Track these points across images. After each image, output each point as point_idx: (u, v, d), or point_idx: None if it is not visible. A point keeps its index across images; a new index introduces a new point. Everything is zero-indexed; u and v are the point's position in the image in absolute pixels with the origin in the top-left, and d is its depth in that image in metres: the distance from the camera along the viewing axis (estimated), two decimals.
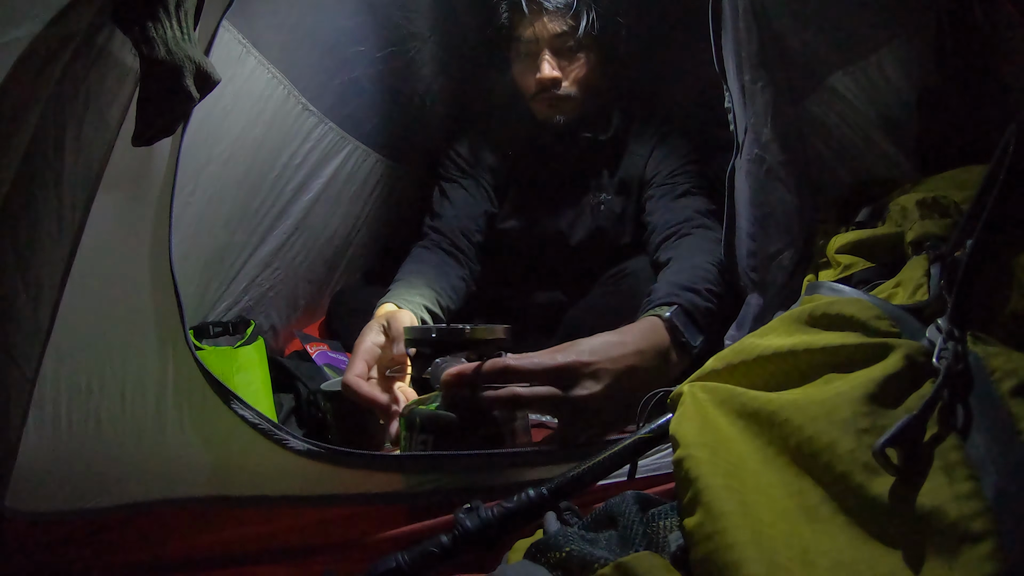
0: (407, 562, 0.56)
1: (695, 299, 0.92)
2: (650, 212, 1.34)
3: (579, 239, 1.45)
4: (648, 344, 0.82)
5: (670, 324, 0.86)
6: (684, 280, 0.96)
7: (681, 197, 1.31)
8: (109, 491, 0.77)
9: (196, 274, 1.11)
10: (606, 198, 1.43)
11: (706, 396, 0.52)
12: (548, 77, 1.31)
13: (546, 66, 1.30)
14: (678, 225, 1.22)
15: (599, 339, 0.81)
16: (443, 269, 1.28)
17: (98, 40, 0.70)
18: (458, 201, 1.43)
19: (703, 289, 0.95)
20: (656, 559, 0.43)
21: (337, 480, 0.77)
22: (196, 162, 0.99)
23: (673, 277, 0.99)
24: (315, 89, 1.26)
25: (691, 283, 0.95)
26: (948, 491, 0.35)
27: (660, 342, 0.84)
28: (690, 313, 0.90)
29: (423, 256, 1.32)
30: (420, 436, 0.82)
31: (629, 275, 1.29)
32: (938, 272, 0.54)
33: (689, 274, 0.99)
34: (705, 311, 0.92)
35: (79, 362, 0.76)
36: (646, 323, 0.86)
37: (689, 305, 0.90)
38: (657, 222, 1.29)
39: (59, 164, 0.71)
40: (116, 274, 0.77)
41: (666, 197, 1.32)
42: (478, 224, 1.42)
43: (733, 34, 0.88)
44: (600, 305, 1.29)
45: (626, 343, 0.80)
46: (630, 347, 0.80)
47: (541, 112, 1.38)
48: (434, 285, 1.19)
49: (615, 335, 0.82)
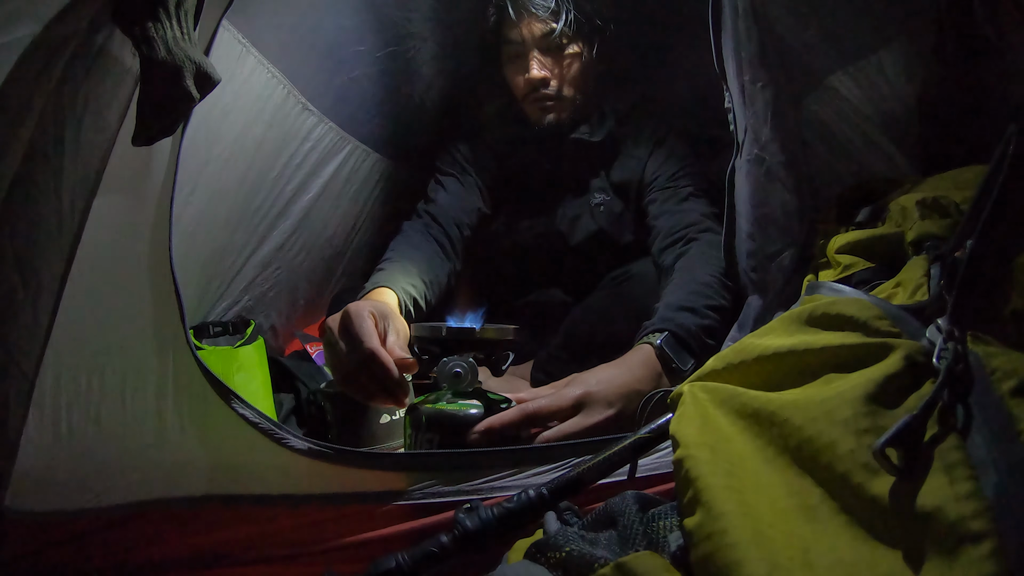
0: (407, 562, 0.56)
1: (689, 321, 0.98)
2: (654, 216, 1.34)
3: (579, 239, 1.46)
4: (643, 371, 0.91)
5: (660, 352, 0.93)
6: (682, 300, 1.02)
7: (685, 201, 1.31)
8: (109, 491, 0.77)
9: (196, 274, 1.11)
10: (605, 199, 1.44)
11: (706, 396, 0.52)
12: (536, 77, 1.32)
13: (534, 67, 1.32)
14: (684, 229, 1.23)
15: (602, 371, 0.90)
16: (433, 261, 1.27)
17: (98, 40, 0.70)
18: (453, 192, 1.44)
19: (701, 307, 1.01)
20: (656, 559, 0.43)
21: (338, 479, 0.77)
22: (196, 162, 0.99)
23: (672, 297, 1.05)
24: (315, 89, 1.26)
25: (688, 302, 1.01)
26: (948, 491, 0.35)
27: (653, 367, 0.92)
28: (680, 338, 0.96)
29: (415, 240, 1.30)
30: (426, 435, 0.82)
31: (631, 277, 1.29)
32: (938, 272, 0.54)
33: (688, 291, 1.04)
34: (700, 330, 0.98)
35: (79, 362, 0.76)
36: (640, 352, 0.94)
37: (680, 330, 0.96)
38: (662, 226, 1.29)
39: (59, 164, 0.71)
40: (116, 274, 0.77)
41: (670, 200, 1.33)
42: (470, 218, 1.41)
43: (733, 34, 0.88)
44: (602, 307, 1.30)
45: (623, 373, 0.90)
46: (627, 376, 0.89)
47: (532, 113, 1.39)
48: (424, 277, 1.19)
49: (613, 367, 0.91)
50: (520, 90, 1.37)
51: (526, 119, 1.41)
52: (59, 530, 0.76)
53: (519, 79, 1.36)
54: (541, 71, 1.32)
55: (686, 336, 0.96)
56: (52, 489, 0.76)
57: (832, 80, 0.88)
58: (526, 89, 1.35)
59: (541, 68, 1.32)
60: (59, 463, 0.76)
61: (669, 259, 1.20)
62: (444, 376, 0.85)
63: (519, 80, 1.36)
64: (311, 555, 0.76)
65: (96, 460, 0.77)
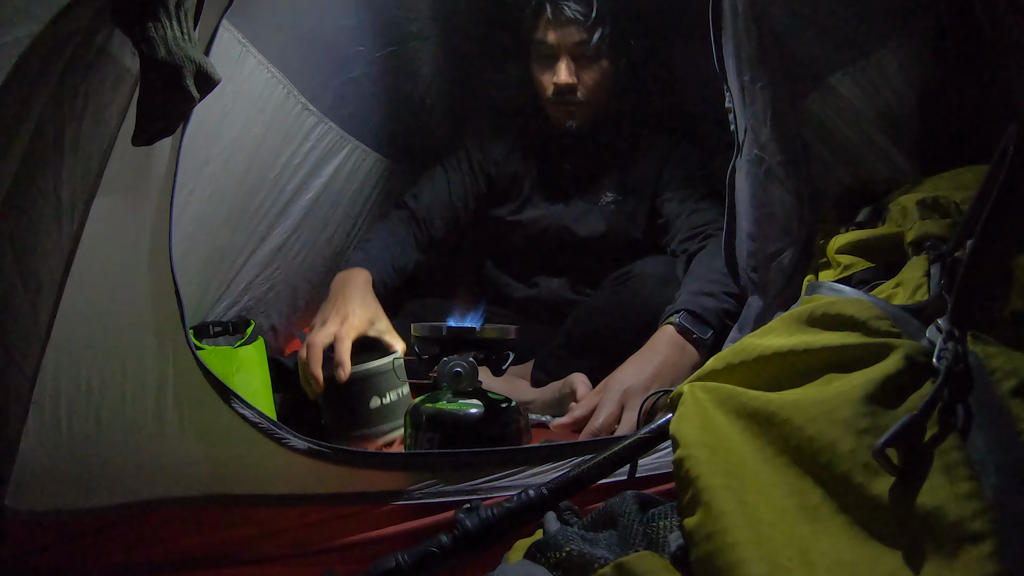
0: (407, 562, 0.56)
1: (706, 302, 1.07)
2: (672, 215, 1.37)
3: (587, 236, 1.47)
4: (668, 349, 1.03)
5: (680, 328, 1.04)
6: (700, 287, 1.11)
7: (702, 200, 1.35)
8: (109, 491, 0.77)
9: (196, 274, 1.11)
10: (617, 199, 1.46)
11: (706, 396, 0.52)
12: (564, 83, 1.34)
13: (564, 72, 1.34)
14: (703, 227, 1.28)
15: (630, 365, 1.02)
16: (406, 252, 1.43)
17: (97, 40, 0.70)
18: (439, 189, 1.50)
19: (719, 292, 1.09)
20: (656, 559, 0.43)
21: (338, 479, 0.77)
22: (196, 162, 0.99)
23: (692, 285, 1.14)
24: (315, 89, 1.26)
25: (706, 289, 1.10)
26: (948, 491, 0.35)
27: (677, 342, 1.04)
28: (698, 315, 1.05)
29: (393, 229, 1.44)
30: (426, 434, 0.82)
31: (635, 277, 1.30)
32: (938, 272, 0.54)
33: (706, 280, 1.12)
34: (718, 311, 1.07)
35: (79, 362, 0.76)
36: (662, 334, 1.05)
37: (698, 308, 1.06)
38: (681, 225, 1.34)
39: (59, 164, 0.71)
40: (116, 274, 0.77)
41: (688, 200, 1.36)
42: (444, 219, 1.50)
43: (733, 34, 0.88)
44: (604, 307, 1.31)
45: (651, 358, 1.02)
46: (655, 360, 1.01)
47: (555, 114, 1.42)
48: (395, 263, 1.38)
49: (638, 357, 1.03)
50: (545, 91, 1.39)
51: (547, 118, 1.44)
52: (59, 530, 0.76)
53: (547, 80, 1.38)
54: (571, 77, 1.34)
55: (703, 312, 1.05)
56: (52, 489, 0.76)
57: (832, 80, 0.88)
58: (552, 91, 1.37)
59: (571, 74, 1.34)
60: (59, 463, 0.76)
61: (687, 255, 1.26)
62: (444, 376, 0.85)
63: (546, 80, 1.38)
64: (311, 555, 0.76)
65: (96, 460, 0.77)
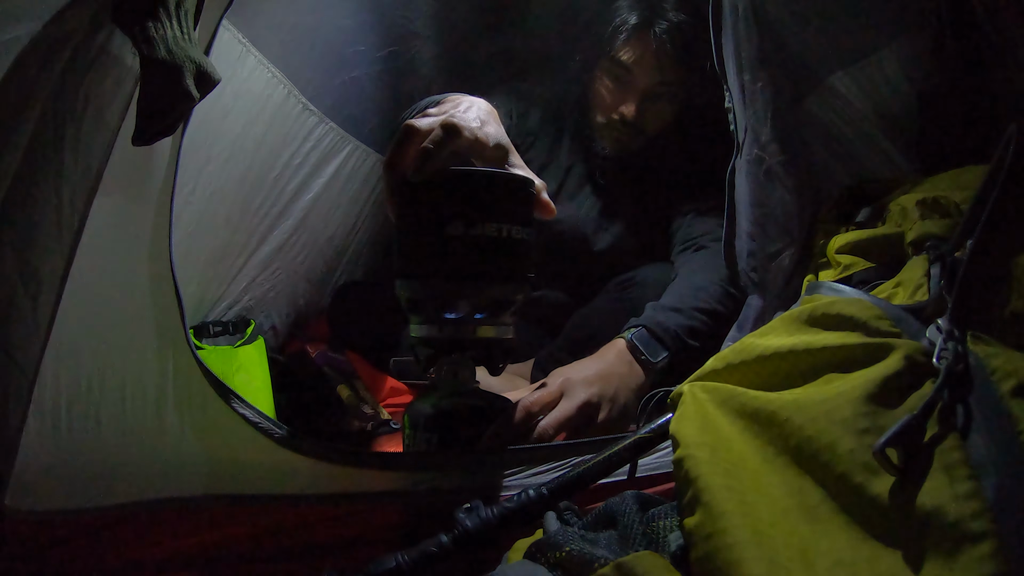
0: (407, 562, 0.56)
1: (669, 319, 1.02)
2: (675, 225, 1.36)
3: (601, 250, 1.45)
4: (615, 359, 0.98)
5: (631, 344, 1.00)
6: (671, 301, 1.07)
7: (706, 212, 1.31)
8: (109, 490, 0.77)
9: (196, 274, 1.11)
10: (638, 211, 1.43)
11: (706, 396, 0.52)
12: (630, 115, 1.29)
13: (633, 105, 1.28)
14: (698, 237, 1.26)
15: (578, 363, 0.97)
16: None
17: (98, 40, 0.70)
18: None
19: (687, 308, 1.05)
20: (656, 559, 0.43)
21: (338, 479, 0.77)
22: (196, 162, 0.99)
23: (665, 299, 1.10)
24: (315, 89, 1.26)
25: (676, 304, 1.06)
26: (948, 491, 0.35)
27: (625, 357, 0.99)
28: (654, 334, 1.01)
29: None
30: (424, 434, 0.82)
31: (637, 284, 1.29)
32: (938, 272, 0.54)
33: (680, 294, 1.09)
34: (681, 329, 1.02)
35: (79, 362, 0.76)
36: (613, 345, 1.01)
37: (656, 327, 1.01)
38: (680, 235, 1.32)
39: (59, 164, 0.71)
40: (116, 274, 0.77)
41: (692, 212, 1.34)
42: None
43: (733, 34, 0.88)
44: (605, 311, 1.30)
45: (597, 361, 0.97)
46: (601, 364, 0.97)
47: (605, 136, 1.37)
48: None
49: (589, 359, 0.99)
50: (604, 112, 1.33)
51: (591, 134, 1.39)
52: (59, 530, 0.76)
53: (611, 102, 1.31)
54: (638, 111, 1.28)
55: (661, 333, 1.00)
56: (52, 489, 0.76)
57: (832, 80, 0.88)
58: (616, 119, 1.31)
59: (640, 109, 1.28)
60: (59, 463, 0.76)
61: (678, 264, 1.24)
62: (443, 375, 0.85)
63: (610, 102, 1.32)
64: (311, 555, 0.76)
65: (96, 460, 0.77)
